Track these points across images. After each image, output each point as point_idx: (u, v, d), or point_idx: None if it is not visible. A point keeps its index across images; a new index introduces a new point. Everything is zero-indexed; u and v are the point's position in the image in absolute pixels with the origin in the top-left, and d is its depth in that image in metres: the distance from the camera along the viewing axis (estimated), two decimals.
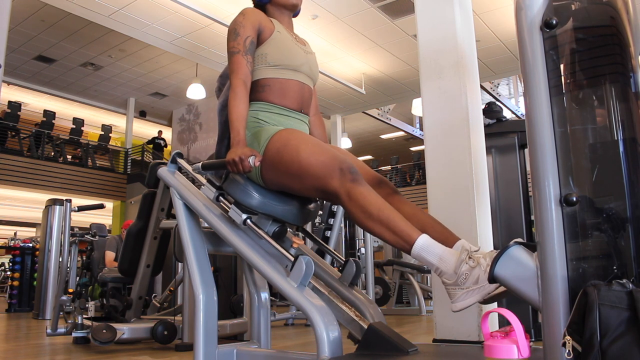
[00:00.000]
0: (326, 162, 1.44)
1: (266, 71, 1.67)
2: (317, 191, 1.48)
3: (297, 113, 1.72)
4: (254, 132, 1.62)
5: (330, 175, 1.42)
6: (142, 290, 3.63)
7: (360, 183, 1.41)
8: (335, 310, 1.56)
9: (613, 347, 0.89)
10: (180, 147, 13.09)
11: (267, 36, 1.69)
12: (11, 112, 10.74)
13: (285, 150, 1.52)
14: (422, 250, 1.31)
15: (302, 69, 1.72)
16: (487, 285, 1.22)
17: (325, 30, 7.10)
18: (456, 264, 1.26)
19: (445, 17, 2.67)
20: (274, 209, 1.60)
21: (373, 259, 5.47)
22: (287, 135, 1.56)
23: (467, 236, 2.43)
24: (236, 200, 1.60)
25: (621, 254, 1.04)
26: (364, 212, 1.37)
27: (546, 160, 1.05)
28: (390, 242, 1.37)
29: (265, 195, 1.60)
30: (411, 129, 13.10)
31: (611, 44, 1.15)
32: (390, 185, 1.63)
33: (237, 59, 1.62)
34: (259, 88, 1.67)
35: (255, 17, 1.68)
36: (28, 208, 15.28)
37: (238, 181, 1.61)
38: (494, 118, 3.42)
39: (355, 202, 1.38)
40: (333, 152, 1.48)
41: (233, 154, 1.46)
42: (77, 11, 6.47)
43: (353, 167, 1.43)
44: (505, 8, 6.43)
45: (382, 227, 1.36)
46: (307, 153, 1.48)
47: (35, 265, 7.19)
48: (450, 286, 1.27)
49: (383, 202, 1.39)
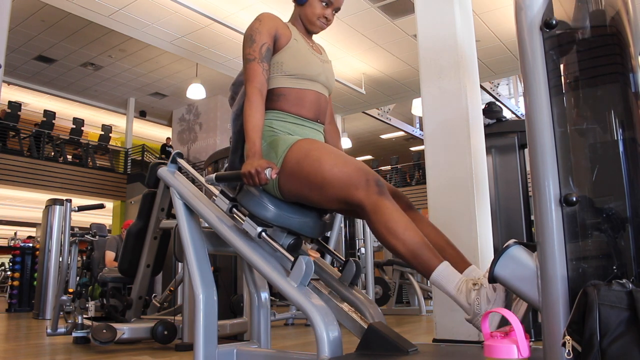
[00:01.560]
0: (351, 173, 1.42)
1: (282, 80, 1.63)
2: (339, 202, 1.45)
3: (313, 122, 1.68)
4: (270, 142, 1.58)
5: (355, 186, 1.40)
6: (142, 290, 3.63)
7: (386, 196, 1.39)
8: (335, 310, 1.56)
9: (613, 347, 0.89)
10: (180, 147, 13.11)
11: (284, 44, 1.64)
12: (11, 112, 10.74)
13: (307, 161, 1.48)
14: (442, 279, 1.31)
15: (318, 78, 1.68)
16: (497, 297, 1.23)
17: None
18: (466, 295, 1.27)
19: (445, 17, 2.67)
20: (289, 222, 1.57)
21: (373, 259, 5.47)
22: (307, 146, 1.53)
23: (467, 236, 2.44)
24: (250, 213, 1.56)
25: (621, 254, 1.04)
26: (387, 229, 1.35)
27: (546, 160, 1.05)
28: (409, 262, 1.36)
29: (281, 208, 1.56)
30: (411, 129, 13.10)
31: (611, 44, 1.15)
32: (405, 199, 1.60)
33: (252, 66, 1.57)
34: (274, 97, 1.63)
35: (271, 24, 1.63)
36: (28, 208, 15.28)
37: (253, 193, 1.57)
38: (494, 118, 3.43)
39: (381, 216, 1.36)
40: (357, 163, 1.47)
41: (249, 166, 1.43)
42: (77, 11, 6.46)
43: (379, 180, 1.41)
44: (505, 8, 6.43)
45: (404, 248, 1.34)
46: (330, 164, 1.45)
47: (35, 265, 7.19)
48: (473, 320, 1.28)
49: (408, 221, 1.37)
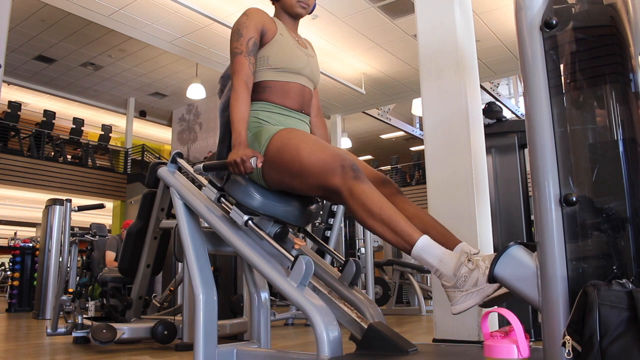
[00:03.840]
0: (327, 160, 1.44)
1: (268, 74, 1.68)
2: (318, 189, 1.48)
3: (298, 113, 1.72)
4: (255, 132, 1.62)
5: (331, 172, 1.42)
6: (142, 290, 3.63)
7: (362, 180, 1.40)
8: (335, 310, 1.56)
9: (613, 347, 0.89)
10: (180, 147, 13.10)
11: (270, 38, 1.69)
12: (11, 112, 10.73)
13: (286, 149, 1.52)
14: (422, 251, 1.31)
15: (303, 72, 1.73)
16: (486, 288, 1.22)
17: (325, 30, 7.10)
18: (455, 267, 1.26)
19: (445, 17, 2.67)
20: (275, 210, 1.60)
21: (373, 258, 5.47)
22: (287, 135, 1.56)
23: (467, 236, 2.44)
24: (237, 202, 1.60)
25: (621, 254, 1.04)
26: (365, 210, 1.37)
27: (546, 160, 1.05)
28: (390, 241, 1.37)
29: (267, 197, 1.60)
30: (411, 129, 13.09)
31: (611, 44, 1.15)
32: (394, 185, 1.63)
33: (239, 59, 1.62)
34: (260, 89, 1.68)
35: (258, 18, 1.68)
36: (28, 208, 15.28)
37: (239, 182, 1.61)
38: (494, 118, 3.42)
39: (357, 199, 1.37)
40: (334, 149, 1.49)
41: (235, 155, 1.47)
42: (77, 11, 6.47)
43: (355, 164, 1.42)
44: (505, 8, 6.43)
45: (383, 225, 1.35)
46: (307, 151, 1.48)
47: (35, 265, 7.19)
48: (449, 289, 1.27)
49: (385, 200, 1.39)
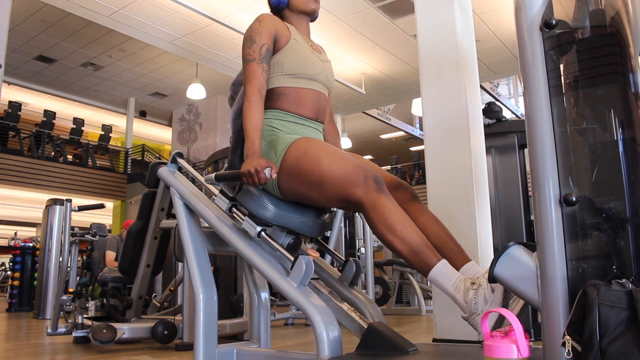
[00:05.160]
0: (349, 171, 1.42)
1: (282, 80, 1.65)
2: (338, 200, 1.46)
3: (312, 122, 1.69)
4: (270, 141, 1.59)
5: (353, 183, 1.40)
6: (142, 290, 3.63)
7: (385, 194, 1.39)
8: (335, 310, 1.56)
9: (612, 347, 0.89)
10: (180, 147, 13.10)
11: (284, 44, 1.66)
12: (11, 112, 10.73)
13: (305, 159, 1.49)
14: (440, 277, 1.31)
15: (318, 77, 1.69)
16: (495, 298, 1.24)
17: (325, 30, 7.09)
18: (464, 293, 1.28)
19: (445, 17, 2.67)
20: (289, 221, 1.58)
21: (373, 258, 5.47)
22: (305, 144, 1.53)
23: (467, 236, 2.44)
24: (250, 212, 1.57)
25: (621, 254, 1.04)
26: (386, 226, 1.36)
27: (546, 160, 1.05)
28: (407, 259, 1.36)
29: (281, 207, 1.57)
30: (411, 129, 13.09)
31: (611, 44, 1.15)
32: (409, 190, 1.60)
33: (252, 67, 1.59)
34: (274, 96, 1.64)
35: (271, 24, 1.65)
36: (28, 208, 15.28)
37: (252, 192, 1.58)
38: (493, 118, 3.43)
39: (380, 213, 1.37)
40: (355, 160, 1.47)
41: (248, 166, 1.43)
42: (77, 11, 6.46)
43: (378, 177, 1.41)
44: (505, 8, 6.43)
45: (403, 245, 1.35)
46: (328, 161, 1.46)
47: (35, 265, 7.19)
48: (469, 318, 1.28)
49: (407, 218, 1.38)
